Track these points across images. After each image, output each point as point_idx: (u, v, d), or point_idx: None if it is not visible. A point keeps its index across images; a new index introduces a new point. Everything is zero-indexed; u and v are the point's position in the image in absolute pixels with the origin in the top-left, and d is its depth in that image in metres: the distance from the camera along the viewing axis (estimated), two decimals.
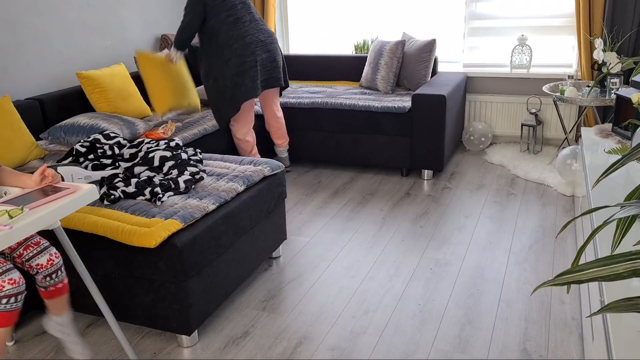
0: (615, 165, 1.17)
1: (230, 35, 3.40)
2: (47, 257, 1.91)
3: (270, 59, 3.60)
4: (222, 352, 2.24)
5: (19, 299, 1.74)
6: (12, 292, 1.72)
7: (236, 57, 3.41)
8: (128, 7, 4.12)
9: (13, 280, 1.73)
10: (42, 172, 1.87)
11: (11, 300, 1.72)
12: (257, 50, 3.48)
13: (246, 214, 2.48)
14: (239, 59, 3.42)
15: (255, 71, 3.48)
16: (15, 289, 1.73)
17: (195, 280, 2.18)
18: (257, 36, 3.50)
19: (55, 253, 1.93)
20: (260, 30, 3.54)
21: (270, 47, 3.59)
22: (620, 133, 2.98)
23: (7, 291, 1.71)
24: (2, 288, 1.70)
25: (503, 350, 2.17)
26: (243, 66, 3.43)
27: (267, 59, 3.57)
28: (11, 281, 1.72)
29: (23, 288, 1.75)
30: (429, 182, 3.93)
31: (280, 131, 4.06)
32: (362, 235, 3.17)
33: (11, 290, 1.72)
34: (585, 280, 1.00)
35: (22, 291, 1.75)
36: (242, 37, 3.42)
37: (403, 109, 3.82)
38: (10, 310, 1.73)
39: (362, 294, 2.59)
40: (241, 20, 3.43)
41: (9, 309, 1.72)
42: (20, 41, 3.31)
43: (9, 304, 1.72)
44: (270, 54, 3.59)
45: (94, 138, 2.83)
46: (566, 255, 2.85)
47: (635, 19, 3.87)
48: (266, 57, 3.56)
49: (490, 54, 4.61)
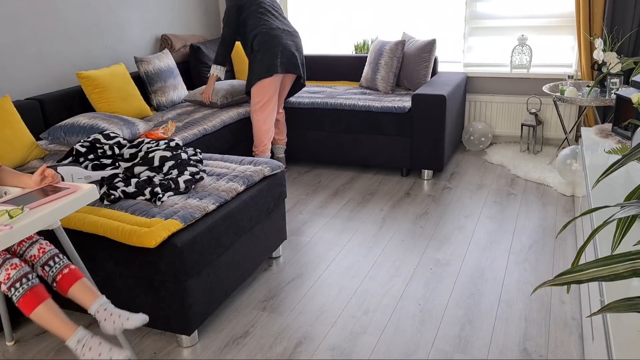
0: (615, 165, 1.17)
1: (255, 24, 3.65)
2: (37, 246, 1.92)
3: (295, 46, 3.75)
4: (222, 352, 2.24)
5: (30, 278, 1.77)
6: (20, 275, 1.76)
7: (262, 36, 3.63)
8: (128, 7, 4.12)
9: (14, 264, 1.77)
10: (42, 172, 1.87)
11: (23, 281, 1.75)
12: (283, 35, 3.68)
13: (246, 214, 2.48)
14: (264, 37, 3.63)
15: (276, 52, 3.65)
16: (20, 271, 1.76)
17: (195, 280, 2.18)
18: (284, 26, 3.74)
19: (45, 242, 1.95)
20: (285, 23, 3.78)
21: (295, 37, 3.79)
22: (620, 133, 2.98)
23: (14, 276, 1.75)
24: (9, 276, 1.73)
25: (503, 350, 2.17)
26: (266, 44, 3.62)
27: (292, 45, 3.73)
28: (13, 266, 1.76)
29: (28, 269, 1.79)
30: (429, 182, 3.94)
31: (282, 126, 4.13)
32: (362, 235, 3.17)
33: (17, 273, 1.75)
34: (585, 280, 1.00)
35: (28, 271, 1.78)
36: (268, 25, 3.67)
37: (403, 109, 3.82)
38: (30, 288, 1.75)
39: (362, 294, 2.59)
40: (268, 13, 3.70)
41: (27, 288, 1.75)
42: (20, 41, 3.30)
43: (24, 285, 1.75)
44: (295, 42, 3.77)
45: (94, 138, 2.83)
46: (566, 255, 2.85)
47: (635, 19, 3.87)
48: (291, 44, 3.72)
49: (490, 54, 4.61)
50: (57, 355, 2.25)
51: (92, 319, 2.47)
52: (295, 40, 3.76)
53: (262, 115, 3.77)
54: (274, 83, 3.71)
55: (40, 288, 1.78)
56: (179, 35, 4.51)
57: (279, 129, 4.11)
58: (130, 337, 2.34)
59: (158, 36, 4.46)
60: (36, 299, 1.75)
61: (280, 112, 4.07)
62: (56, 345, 2.31)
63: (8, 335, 2.32)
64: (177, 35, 4.49)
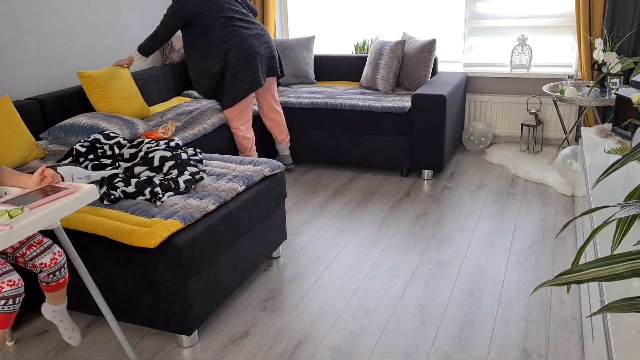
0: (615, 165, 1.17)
1: (224, 33, 3.53)
2: (51, 256, 1.90)
3: (268, 50, 3.71)
4: (222, 352, 2.24)
5: (17, 301, 1.73)
6: (11, 294, 1.70)
7: (235, 49, 3.54)
8: (128, 7, 4.12)
9: (12, 282, 1.71)
10: (41, 172, 1.87)
11: (9, 302, 1.70)
12: (255, 43, 3.61)
13: (246, 214, 2.48)
14: (239, 51, 3.54)
15: (256, 63, 3.60)
16: (14, 290, 1.71)
17: (195, 280, 2.18)
18: (252, 31, 3.63)
19: (58, 252, 1.93)
20: (252, 25, 3.67)
21: (266, 38, 3.73)
22: (620, 133, 2.98)
23: (5, 293, 1.69)
24: (1, 289, 1.69)
25: (503, 350, 2.17)
26: (244, 59, 3.56)
27: (266, 51, 3.69)
28: (10, 282, 1.70)
29: (22, 290, 1.74)
30: (429, 182, 3.93)
31: (281, 126, 4.07)
32: (362, 235, 3.17)
33: (10, 292, 1.70)
34: (585, 280, 1.00)
35: (20, 293, 1.73)
36: (237, 35, 3.54)
37: (403, 109, 3.82)
38: (8, 312, 1.72)
39: (362, 294, 2.59)
40: (233, 18, 3.57)
41: (7, 310, 1.71)
42: (20, 41, 3.30)
43: (7, 306, 1.70)
44: (267, 45, 3.71)
45: (94, 138, 2.83)
46: (566, 255, 2.85)
47: (635, 19, 3.87)
48: (264, 49, 3.67)
49: (490, 54, 4.61)
50: (57, 355, 2.25)
51: (91, 320, 2.47)
52: (267, 42, 3.70)
53: (239, 122, 3.73)
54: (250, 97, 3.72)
55: (14, 315, 1.76)
56: (179, 36, 4.51)
57: (278, 129, 4.08)
58: (131, 337, 2.34)
59: None
60: (5, 324, 1.74)
61: (277, 112, 4.02)
62: (56, 345, 2.31)
63: (8, 335, 2.32)
64: (177, 35, 4.49)
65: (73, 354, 2.25)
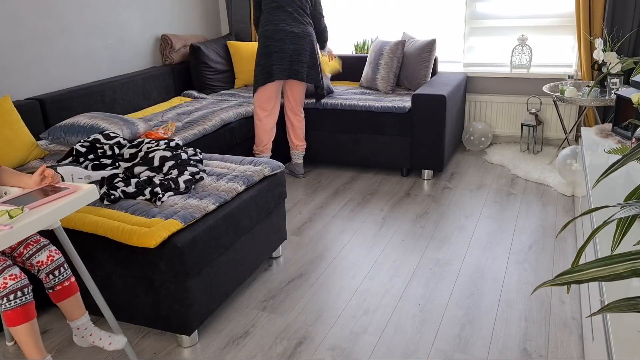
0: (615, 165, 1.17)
1: (267, 19, 3.64)
2: (47, 253, 1.91)
3: (297, 52, 3.67)
4: (222, 352, 2.24)
5: (25, 292, 1.75)
6: (16, 287, 1.73)
7: (264, 38, 3.64)
8: (128, 7, 4.12)
9: (14, 275, 1.74)
10: (41, 173, 1.87)
11: (18, 294, 1.73)
12: (286, 39, 3.63)
13: (246, 214, 2.48)
14: (266, 41, 3.63)
15: (278, 57, 3.64)
16: (18, 283, 1.73)
17: (196, 280, 2.18)
18: (292, 28, 3.64)
19: (54, 250, 1.93)
20: (297, 23, 3.66)
21: (301, 41, 3.67)
22: (620, 133, 2.98)
23: (10, 287, 1.71)
24: (5, 285, 1.70)
25: (503, 350, 2.17)
26: (267, 49, 3.63)
27: (293, 51, 3.67)
28: (12, 276, 1.73)
29: (26, 281, 1.76)
30: (429, 182, 3.93)
31: (298, 131, 4.01)
32: (362, 235, 3.17)
33: (14, 285, 1.72)
34: (585, 280, 1.00)
35: (26, 284, 1.76)
36: (275, 23, 3.62)
37: (403, 109, 3.82)
38: (22, 304, 1.74)
39: (362, 294, 2.59)
40: (281, 9, 3.63)
41: (20, 303, 1.73)
42: (20, 41, 3.30)
43: (18, 299, 1.73)
44: (297, 47, 3.67)
45: (94, 138, 2.83)
46: (566, 255, 2.85)
47: (635, 19, 3.87)
48: (292, 49, 3.66)
49: (490, 54, 4.61)
50: (57, 355, 2.25)
51: (91, 320, 2.47)
52: (297, 45, 3.64)
53: (261, 114, 3.79)
54: (273, 86, 3.73)
55: (31, 306, 1.77)
56: (179, 35, 4.51)
57: (295, 133, 4.01)
58: (131, 337, 2.34)
59: (158, 36, 4.46)
60: (25, 316, 1.74)
61: (297, 117, 3.97)
62: (56, 345, 2.31)
63: (8, 335, 2.32)
64: (177, 35, 4.49)
65: (73, 354, 2.25)
